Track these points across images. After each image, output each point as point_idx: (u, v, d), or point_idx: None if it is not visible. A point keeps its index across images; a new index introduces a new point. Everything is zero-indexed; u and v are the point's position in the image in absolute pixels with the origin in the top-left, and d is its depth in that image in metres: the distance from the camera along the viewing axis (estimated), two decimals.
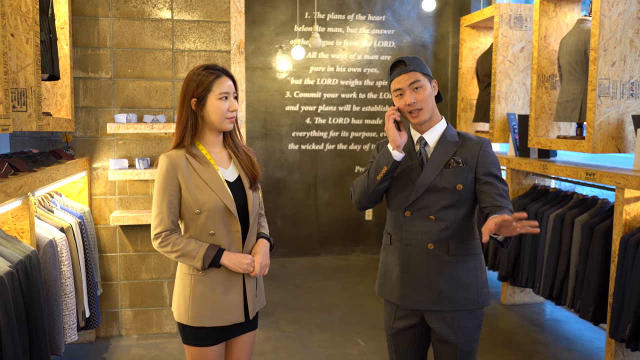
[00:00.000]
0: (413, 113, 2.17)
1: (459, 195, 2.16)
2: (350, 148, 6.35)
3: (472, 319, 2.21)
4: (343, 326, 4.27)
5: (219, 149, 2.26)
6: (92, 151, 3.89)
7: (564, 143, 3.97)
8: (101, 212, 3.94)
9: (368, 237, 6.48)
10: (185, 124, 2.18)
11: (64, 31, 3.56)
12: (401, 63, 2.17)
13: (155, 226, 2.15)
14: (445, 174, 2.16)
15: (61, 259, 3.06)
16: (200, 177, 2.15)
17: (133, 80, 3.89)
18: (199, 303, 2.17)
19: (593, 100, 3.58)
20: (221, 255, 2.15)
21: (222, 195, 2.15)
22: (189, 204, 2.14)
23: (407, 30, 6.36)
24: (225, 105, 2.17)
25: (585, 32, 3.86)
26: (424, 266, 2.19)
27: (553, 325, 4.32)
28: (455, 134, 2.24)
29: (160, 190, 2.15)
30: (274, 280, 5.45)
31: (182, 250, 2.13)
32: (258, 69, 6.12)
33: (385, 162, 2.16)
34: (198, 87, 2.16)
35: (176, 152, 2.18)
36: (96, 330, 3.97)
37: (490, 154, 2.20)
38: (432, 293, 2.18)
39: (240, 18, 3.94)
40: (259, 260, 2.23)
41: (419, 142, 2.24)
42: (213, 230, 2.16)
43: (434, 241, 2.17)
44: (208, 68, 2.19)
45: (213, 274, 2.18)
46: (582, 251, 3.65)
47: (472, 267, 2.21)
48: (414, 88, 2.14)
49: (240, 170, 2.26)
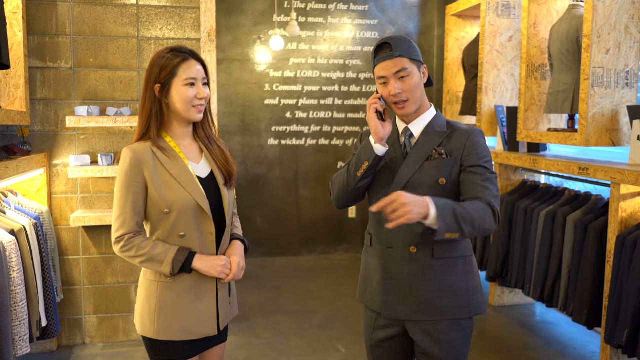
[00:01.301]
0: (398, 104, 1.92)
1: (443, 191, 1.91)
2: (332, 143, 6.11)
3: (459, 330, 1.96)
4: (323, 331, 4.04)
5: (188, 142, 2.02)
6: (51, 146, 3.61)
7: (555, 136, 3.76)
8: (62, 212, 3.66)
9: (351, 236, 6.24)
10: (149, 113, 1.93)
11: (16, 16, 3.28)
12: (386, 46, 1.90)
13: (117, 228, 1.90)
14: (426, 167, 1.91)
15: (10, 264, 2.79)
16: (169, 173, 1.90)
17: (95, 70, 3.62)
18: (167, 314, 1.92)
19: (586, 90, 3.36)
20: (192, 259, 1.90)
21: (194, 192, 1.91)
22: (157, 202, 1.89)
23: (391, 20, 6.12)
24: (192, 91, 1.92)
25: (577, 18, 3.64)
26: (407, 271, 1.94)
27: (544, 328, 4.11)
28: (444, 123, 1.99)
29: (122, 188, 1.89)
30: (252, 281, 5.20)
31: (148, 254, 1.88)
32: (235, 61, 5.85)
33: (366, 157, 1.91)
34: (162, 72, 1.91)
35: (141, 144, 1.92)
36: (58, 338, 3.70)
37: (479, 143, 1.93)
38: (416, 301, 1.94)
39: (210, 3, 3.68)
40: (236, 261, 1.99)
41: (404, 133, 1.99)
42: (183, 232, 1.91)
43: (416, 244, 1.92)
44: (174, 50, 1.94)
45: (183, 280, 1.93)
46: (575, 251, 3.44)
47: (462, 271, 1.97)
48: (400, 77, 1.89)
49: (214, 166, 2.02)
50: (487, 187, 1.87)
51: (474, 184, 1.88)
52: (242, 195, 5.95)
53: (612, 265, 3.04)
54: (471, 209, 1.80)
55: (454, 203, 1.79)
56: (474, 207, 1.81)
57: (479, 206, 1.82)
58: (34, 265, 3.07)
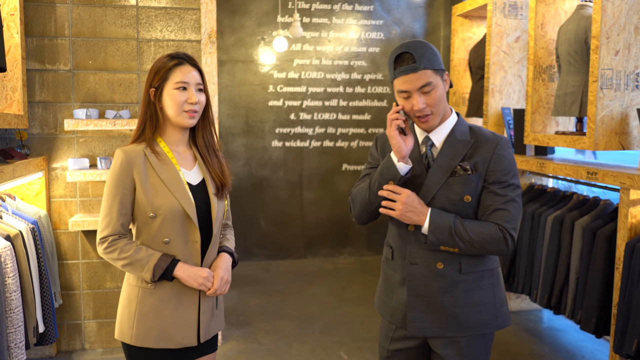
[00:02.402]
0: (422, 118, 1.82)
1: (468, 207, 1.85)
2: (337, 145, 6.04)
3: (482, 344, 1.93)
4: (325, 337, 3.97)
5: (182, 148, 1.99)
6: (50, 150, 3.56)
7: (562, 139, 3.67)
8: (61, 216, 3.62)
9: (356, 239, 6.17)
10: (144, 116, 1.93)
11: (14, 18, 3.23)
12: (407, 56, 1.78)
13: (102, 229, 1.88)
14: (450, 184, 1.83)
15: (5, 270, 2.74)
16: (159, 177, 1.88)
17: (94, 73, 3.57)
18: (146, 320, 1.89)
19: (594, 92, 3.28)
20: (175, 267, 1.86)
21: (182, 198, 1.87)
22: (143, 206, 1.87)
23: (397, 20, 6.05)
24: (183, 96, 1.88)
25: (585, 18, 3.56)
26: (434, 288, 1.88)
27: (551, 334, 4.02)
28: (466, 130, 1.89)
29: (111, 188, 1.87)
30: (256, 285, 5.14)
31: (130, 257, 1.85)
32: (239, 62, 5.80)
33: (389, 176, 1.83)
34: (156, 75, 1.90)
35: (134, 146, 1.91)
36: (57, 344, 3.66)
37: (505, 157, 1.84)
38: (444, 317, 1.88)
39: (211, 5, 3.62)
40: (220, 275, 1.93)
41: (425, 142, 1.90)
42: (168, 238, 1.88)
43: (443, 260, 1.87)
44: (170, 55, 1.92)
45: (165, 287, 1.89)
46: (583, 257, 3.35)
47: (489, 285, 1.91)
48: (424, 91, 1.78)
49: (206, 174, 1.97)
50: (506, 209, 1.82)
51: (492, 208, 1.83)
52: (246, 197, 5.89)
53: (621, 273, 2.96)
54: (476, 231, 1.80)
55: (457, 221, 1.79)
56: (480, 229, 1.80)
57: (488, 231, 1.80)
58: (31, 270, 3.02)
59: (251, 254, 5.96)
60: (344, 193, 6.06)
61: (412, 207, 1.80)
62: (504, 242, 1.80)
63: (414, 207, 1.80)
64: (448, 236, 1.79)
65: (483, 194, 1.85)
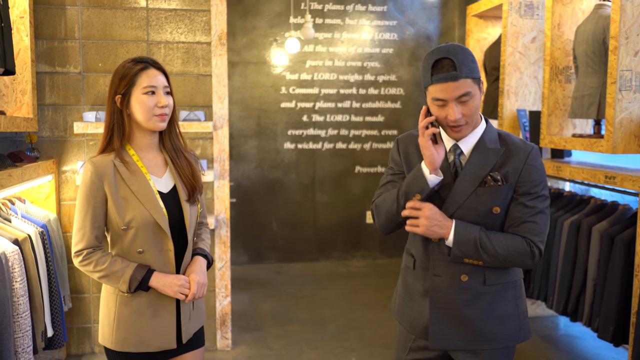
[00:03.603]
0: (455, 127, 1.74)
1: (496, 219, 1.79)
2: (350, 147, 5.98)
3: (505, 355, 1.89)
4: (337, 342, 3.91)
5: (153, 154, 1.98)
6: (60, 153, 3.55)
7: (579, 142, 3.58)
8: (71, 219, 3.60)
9: (369, 242, 6.11)
10: (110, 124, 1.92)
11: (23, 21, 3.22)
12: (447, 62, 1.67)
13: (77, 242, 1.90)
14: (479, 194, 1.77)
15: (13, 275, 2.72)
16: (129, 188, 1.88)
17: (104, 75, 3.55)
18: (124, 327, 1.92)
19: (613, 94, 3.19)
20: (150, 277, 1.88)
21: (153, 209, 1.88)
22: (115, 219, 1.88)
23: (411, 21, 5.98)
24: (152, 100, 1.88)
25: (604, 18, 3.47)
26: (457, 300, 1.83)
27: (568, 342, 3.93)
28: (495, 137, 1.81)
29: (83, 202, 1.88)
30: (267, 288, 5.10)
31: (105, 270, 1.87)
32: (251, 64, 5.76)
33: (418, 189, 1.76)
34: (121, 81, 1.89)
35: (103, 157, 1.90)
36: (67, 347, 3.64)
37: (537, 167, 1.78)
38: (467, 330, 1.84)
39: (221, 6, 3.58)
40: (195, 279, 1.94)
41: (453, 150, 1.82)
42: (142, 248, 1.90)
43: (468, 272, 1.82)
44: (134, 60, 1.91)
45: (141, 296, 1.92)
46: (601, 263, 3.26)
47: (512, 296, 1.86)
48: (462, 101, 1.70)
49: (177, 180, 1.97)
50: (534, 222, 1.77)
51: (520, 220, 1.77)
52: (258, 200, 5.86)
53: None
54: (502, 244, 1.75)
55: (482, 233, 1.74)
56: (506, 243, 1.75)
57: (514, 244, 1.75)
58: (40, 274, 3.00)
59: (263, 257, 5.92)
60: (357, 195, 6.00)
61: (436, 220, 1.74)
62: (530, 255, 1.76)
63: (438, 220, 1.74)
64: (473, 249, 1.74)
65: (511, 205, 1.79)
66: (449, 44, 1.73)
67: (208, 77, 3.62)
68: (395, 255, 6.08)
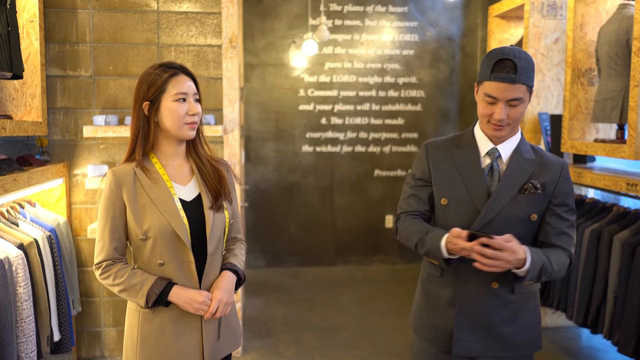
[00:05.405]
0: (496, 126, 1.78)
1: (532, 226, 1.83)
2: (369, 150, 5.89)
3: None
4: (349, 351, 3.83)
5: (179, 162, 1.89)
6: (71, 156, 3.55)
7: (601, 147, 3.44)
8: (81, 222, 3.60)
9: (388, 247, 6.00)
10: (136, 132, 1.84)
11: (33, 25, 3.22)
12: (510, 64, 1.72)
13: (97, 254, 1.82)
14: (519, 200, 1.79)
15: (16, 279, 2.71)
16: (148, 196, 1.79)
17: (115, 79, 3.54)
18: (148, 346, 1.81)
19: (636, 98, 3.05)
20: (169, 291, 1.76)
21: (171, 217, 1.78)
22: (133, 229, 1.79)
23: (432, 22, 5.86)
24: (183, 108, 1.80)
25: (627, 19, 3.32)
26: (486, 307, 1.84)
27: (590, 354, 3.78)
28: (529, 149, 1.86)
29: (103, 212, 1.81)
30: (283, 293, 5.04)
31: (124, 283, 1.77)
32: (270, 66, 5.72)
33: (434, 257, 1.81)
34: (150, 88, 1.81)
35: (124, 166, 1.83)
36: (77, 351, 3.64)
37: (569, 181, 1.87)
38: (492, 337, 1.85)
39: (232, 8, 3.54)
40: (218, 297, 1.80)
41: (492, 153, 1.84)
42: (162, 260, 1.79)
43: (499, 279, 1.82)
44: (162, 65, 1.83)
45: (163, 312, 1.81)
46: (622, 274, 3.12)
47: (533, 305, 1.91)
48: (512, 104, 1.74)
49: (202, 187, 1.87)
50: (570, 235, 1.84)
51: (560, 231, 1.83)
52: (276, 203, 5.81)
53: None
54: (557, 261, 1.79)
55: (545, 257, 1.76)
56: (558, 259, 1.80)
57: (562, 260, 1.81)
58: (46, 279, 2.99)
59: (281, 261, 5.87)
60: (376, 199, 5.91)
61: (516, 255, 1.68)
62: (568, 267, 1.83)
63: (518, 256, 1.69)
64: (538, 271, 1.75)
65: (547, 215, 1.84)
66: (515, 47, 1.76)
67: (219, 80, 3.58)
68: (415, 260, 5.96)
